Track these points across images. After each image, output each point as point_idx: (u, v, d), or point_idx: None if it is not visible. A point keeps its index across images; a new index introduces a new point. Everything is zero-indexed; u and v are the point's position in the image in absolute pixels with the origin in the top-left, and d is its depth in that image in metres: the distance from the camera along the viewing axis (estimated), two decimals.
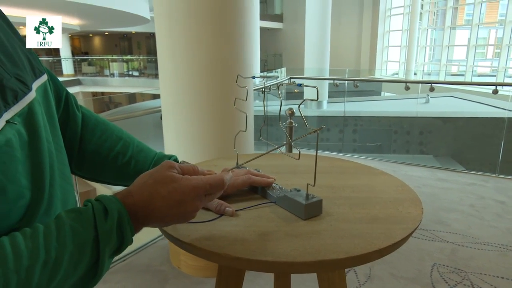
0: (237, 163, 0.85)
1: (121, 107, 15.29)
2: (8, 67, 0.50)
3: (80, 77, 17.31)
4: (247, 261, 0.53)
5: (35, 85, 0.55)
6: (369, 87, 11.03)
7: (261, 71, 12.17)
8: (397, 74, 15.08)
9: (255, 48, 11.24)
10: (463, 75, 12.97)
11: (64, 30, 15.28)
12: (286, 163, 0.90)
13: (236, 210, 0.67)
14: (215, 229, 0.62)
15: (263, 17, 15.24)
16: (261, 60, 14.00)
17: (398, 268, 2.18)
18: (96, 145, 0.70)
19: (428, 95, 7.48)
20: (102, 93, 18.55)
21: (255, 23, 10.43)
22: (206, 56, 1.84)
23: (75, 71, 18.06)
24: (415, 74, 13.72)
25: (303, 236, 0.59)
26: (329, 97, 8.13)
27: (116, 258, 2.30)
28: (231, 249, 0.55)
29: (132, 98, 18.10)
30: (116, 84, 17.17)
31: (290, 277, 1.03)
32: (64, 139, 0.64)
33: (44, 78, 0.60)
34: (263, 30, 15.23)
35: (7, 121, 0.46)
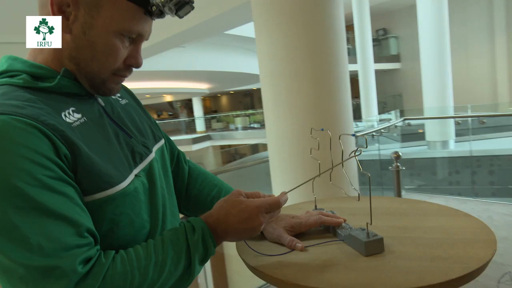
0: (315, 206, 0.96)
1: (245, 157, 16.52)
2: (138, 138, 0.74)
3: (210, 133, 19.60)
4: None
5: (155, 148, 0.79)
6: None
7: (378, 113, 11.81)
8: None
9: (371, 92, 11.08)
10: None
11: (197, 94, 17.73)
12: (363, 206, 0.96)
13: (306, 246, 0.77)
14: (285, 260, 0.72)
15: (378, 59, 14.98)
16: (379, 102, 13.57)
17: None
18: (198, 190, 0.90)
19: None
20: (229, 146, 20.49)
21: (368, 69, 10.20)
22: (307, 110, 2.02)
23: (206, 127, 20.64)
24: None
25: (360, 270, 0.66)
26: (457, 135, 7.36)
27: None
28: (293, 277, 0.65)
29: (254, 148, 19.42)
30: (240, 136, 18.80)
31: None
32: (175, 186, 0.86)
33: (162, 142, 0.83)
34: (379, 72, 14.91)
35: (136, 175, 0.68)
